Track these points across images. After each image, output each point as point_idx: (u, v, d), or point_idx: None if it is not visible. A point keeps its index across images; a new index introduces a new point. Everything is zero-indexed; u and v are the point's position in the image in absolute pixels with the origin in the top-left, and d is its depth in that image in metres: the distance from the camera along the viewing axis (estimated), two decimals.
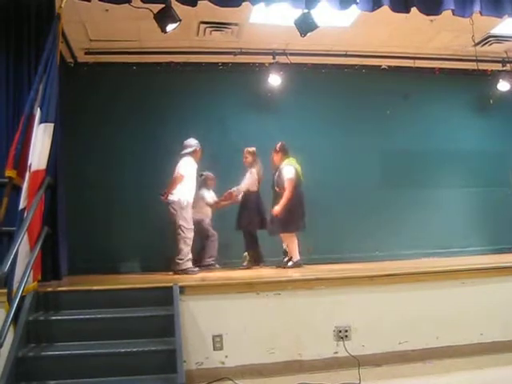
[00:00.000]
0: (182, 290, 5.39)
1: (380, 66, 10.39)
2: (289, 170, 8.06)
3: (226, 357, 5.43)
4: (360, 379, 5.15)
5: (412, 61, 10.07)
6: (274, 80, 9.68)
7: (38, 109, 5.59)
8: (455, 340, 5.84)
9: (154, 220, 8.61)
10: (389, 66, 10.40)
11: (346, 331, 5.64)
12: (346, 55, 9.74)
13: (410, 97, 10.35)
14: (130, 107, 9.35)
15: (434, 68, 10.46)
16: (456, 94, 10.62)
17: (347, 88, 10.13)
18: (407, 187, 10.20)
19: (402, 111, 10.39)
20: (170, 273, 7.54)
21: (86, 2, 6.23)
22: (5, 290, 4.79)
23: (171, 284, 5.41)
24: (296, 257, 7.96)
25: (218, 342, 5.42)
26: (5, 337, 4.15)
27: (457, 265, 6.65)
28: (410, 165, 10.32)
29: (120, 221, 8.59)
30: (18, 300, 4.61)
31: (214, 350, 5.42)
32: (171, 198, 7.61)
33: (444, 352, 5.76)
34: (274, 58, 9.55)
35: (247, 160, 8.52)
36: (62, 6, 6.03)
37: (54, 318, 5.05)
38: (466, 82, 10.55)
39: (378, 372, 5.46)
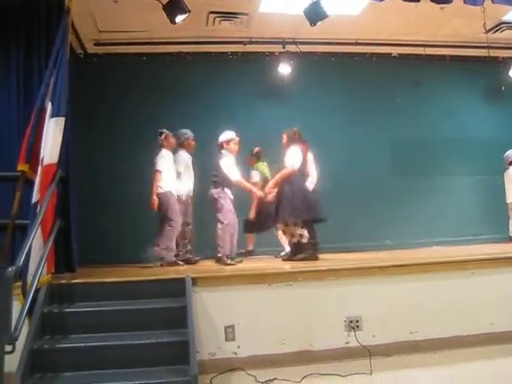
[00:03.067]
0: (195, 281, 5.43)
1: (390, 53, 10.35)
2: (254, 174, 8.52)
3: (238, 347, 5.48)
4: (371, 369, 5.18)
5: (422, 48, 10.03)
6: (284, 69, 9.69)
7: (49, 103, 5.61)
8: (465, 330, 5.84)
9: None
10: (399, 54, 10.36)
11: (357, 321, 5.67)
12: (356, 43, 9.72)
13: (420, 84, 10.30)
14: (139, 98, 9.37)
15: (444, 55, 10.41)
16: (467, 82, 10.57)
17: (357, 76, 10.11)
18: (418, 175, 10.18)
19: (413, 99, 10.37)
20: (181, 263, 7.55)
21: None
22: (19, 283, 4.84)
23: (183, 276, 5.46)
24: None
25: (230, 333, 5.47)
26: (20, 329, 4.19)
27: (467, 255, 6.64)
28: (421, 153, 10.29)
29: (132, 212, 8.61)
30: (32, 293, 4.66)
31: (227, 340, 5.47)
32: (159, 190, 7.60)
33: (454, 342, 5.76)
34: (283, 47, 9.56)
35: None
36: None
37: (68, 310, 5.11)
38: (477, 69, 10.48)
39: (389, 362, 5.48)
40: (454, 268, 6.04)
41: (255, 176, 8.53)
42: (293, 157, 7.64)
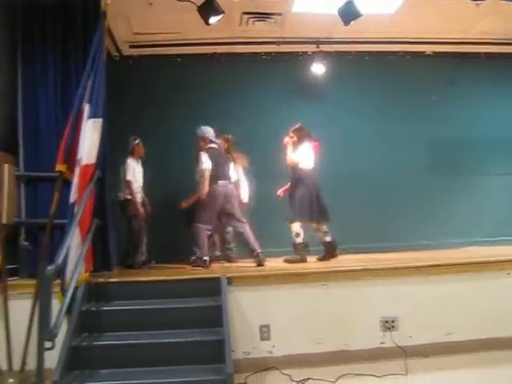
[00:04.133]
0: (230, 280, 5.48)
1: (424, 52, 10.20)
2: None
3: (273, 346, 5.50)
4: (407, 370, 5.14)
5: (457, 46, 9.87)
6: (318, 69, 9.64)
7: (87, 104, 5.71)
8: (503, 332, 5.76)
9: None
10: (433, 52, 10.21)
11: (393, 322, 5.64)
12: (389, 42, 9.61)
13: (455, 83, 10.13)
14: (174, 99, 9.43)
15: (479, 53, 10.22)
16: (503, 80, 10.34)
17: (391, 75, 9.99)
18: (453, 175, 10.02)
19: (448, 97, 10.18)
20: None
21: None
22: (58, 282, 4.93)
23: (219, 275, 5.50)
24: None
25: (265, 332, 5.49)
26: (59, 327, 4.26)
27: (503, 255, 6.53)
28: (456, 152, 10.12)
29: (166, 211, 8.67)
30: (71, 291, 4.73)
31: (262, 339, 5.50)
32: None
33: (492, 344, 5.69)
34: (317, 47, 9.51)
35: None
36: (108, 2, 6.12)
37: (105, 308, 5.20)
38: None
39: (425, 363, 5.45)
40: (491, 269, 5.97)
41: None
42: (303, 154, 7.78)
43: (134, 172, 7.70)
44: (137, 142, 7.81)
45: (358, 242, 8.16)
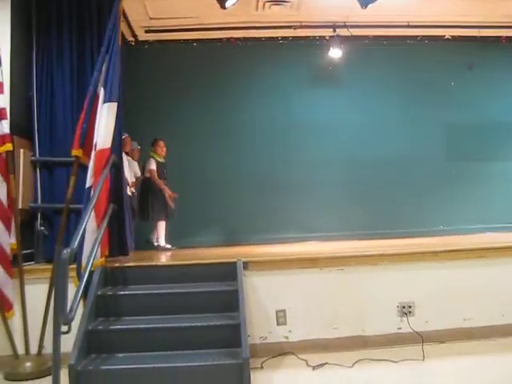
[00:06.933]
0: (246, 265, 5.46)
1: (443, 36, 10.03)
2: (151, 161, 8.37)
3: (290, 331, 5.49)
4: (424, 356, 5.10)
5: (477, 30, 9.67)
6: (335, 53, 9.54)
7: (102, 88, 5.68)
8: None
9: (216, 194, 8.76)
10: (452, 36, 10.03)
11: (410, 307, 5.60)
12: (408, 26, 9.45)
13: (474, 67, 9.95)
14: (190, 84, 9.40)
15: (500, 37, 10.02)
16: None
17: (410, 59, 9.88)
18: (472, 160, 9.91)
19: (467, 82, 10.04)
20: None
21: None
22: (74, 266, 4.95)
23: (235, 260, 5.48)
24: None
25: (281, 317, 5.48)
26: (75, 310, 4.26)
27: None
28: (476, 137, 10.00)
29: (182, 196, 8.66)
30: (86, 275, 4.73)
31: (278, 324, 5.49)
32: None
33: (509, 330, 5.66)
34: (334, 31, 9.37)
35: None
36: None
37: (121, 292, 5.20)
38: None
39: (442, 349, 5.41)
40: (509, 254, 5.88)
41: (152, 163, 8.32)
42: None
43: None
44: (123, 136, 7.79)
45: (376, 228, 8.09)
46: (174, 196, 8.24)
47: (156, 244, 8.24)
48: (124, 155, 7.57)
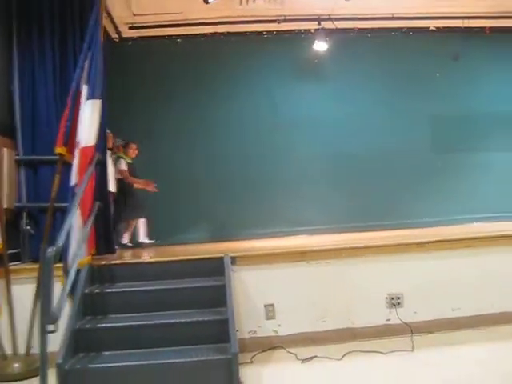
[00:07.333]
0: (234, 260, 5.45)
1: (428, 27, 10.04)
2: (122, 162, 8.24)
3: (279, 325, 5.49)
4: (413, 346, 5.11)
5: (461, 21, 9.68)
6: (320, 46, 9.54)
7: (85, 85, 5.64)
8: (509, 306, 5.75)
9: (204, 191, 8.74)
10: (437, 28, 10.05)
11: (399, 298, 5.62)
12: (392, 18, 9.45)
13: (459, 58, 9.95)
14: (175, 80, 9.36)
15: (484, 27, 10.04)
16: (508, 54, 10.20)
17: (395, 51, 9.88)
18: (458, 151, 9.93)
19: (452, 73, 10.04)
20: None
21: None
22: (60, 265, 4.91)
23: (222, 255, 5.46)
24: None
25: (270, 311, 5.47)
26: (62, 309, 4.23)
27: (507, 230, 6.45)
28: (461, 128, 10.02)
29: (170, 193, 8.64)
30: (73, 273, 4.70)
31: (267, 319, 5.49)
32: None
33: (499, 318, 5.69)
34: (319, 24, 9.36)
35: None
36: None
37: (108, 290, 5.16)
38: None
39: (431, 339, 5.44)
40: (496, 243, 5.92)
41: (122, 164, 8.22)
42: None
43: None
44: None
45: (363, 221, 8.10)
46: (151, 182, 8.21)
47: (139, 241, 8.26)
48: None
